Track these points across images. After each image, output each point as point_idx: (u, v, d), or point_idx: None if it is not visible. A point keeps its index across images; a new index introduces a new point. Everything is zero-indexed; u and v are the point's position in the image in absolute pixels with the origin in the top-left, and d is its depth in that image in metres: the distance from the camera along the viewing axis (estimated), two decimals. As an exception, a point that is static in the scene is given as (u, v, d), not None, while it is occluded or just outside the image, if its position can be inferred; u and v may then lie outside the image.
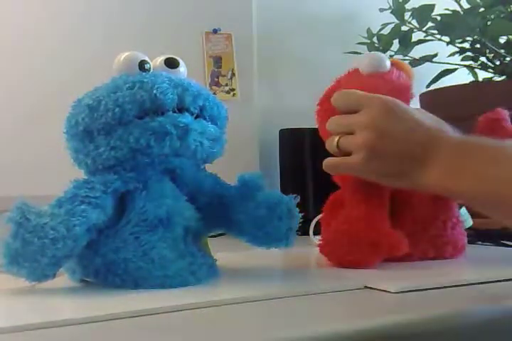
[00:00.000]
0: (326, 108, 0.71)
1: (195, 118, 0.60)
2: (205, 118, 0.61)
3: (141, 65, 0.61)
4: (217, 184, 0.66)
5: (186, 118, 0.58)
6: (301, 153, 1.18)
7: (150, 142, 0.57)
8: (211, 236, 0.72)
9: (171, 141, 0.57)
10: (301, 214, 0.66)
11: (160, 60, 0.63)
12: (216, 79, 1.25)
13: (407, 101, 0.70)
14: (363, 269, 0.67)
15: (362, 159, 0.61)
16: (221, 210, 0.65)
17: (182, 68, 0.63)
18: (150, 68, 0.61)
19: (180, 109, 0.59)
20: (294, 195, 0.65)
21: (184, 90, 0.59)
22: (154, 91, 0.57)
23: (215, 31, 1.25)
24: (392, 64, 0.73)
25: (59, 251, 0.54)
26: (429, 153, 0.59)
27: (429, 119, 0.62)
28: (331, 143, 0.66)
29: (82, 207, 0.56)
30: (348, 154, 0.63)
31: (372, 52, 0.80)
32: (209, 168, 0.67)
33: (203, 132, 0.60)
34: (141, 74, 0.60)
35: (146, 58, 0.62)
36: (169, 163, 0.61)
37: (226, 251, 0.76)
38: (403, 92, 0.71)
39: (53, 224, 0.54)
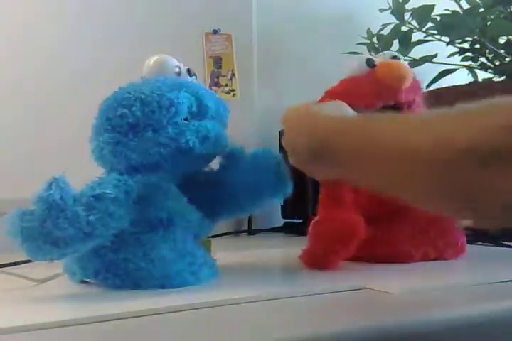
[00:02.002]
0: None
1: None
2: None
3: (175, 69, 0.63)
4: (210, 174, 0.67)
5: (211, 124, 0.62)
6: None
7: (196, 144, 0.60)
8: (211, 236, 0.72)
9: (208, 144, 0.61)
10: (300, 213, 0.65)
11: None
12: (216, 80, 1.25)
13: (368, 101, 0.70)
14: (363, 270, 0.67)
15: (289, 156, 0.63)
16: (218, 193, 0.66)
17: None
18: (181, 72, 0.64)
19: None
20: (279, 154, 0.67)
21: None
22: (201, 98, 0.61)
23: (215, 32, 1.25)
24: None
25: (84, 247, 0.54)
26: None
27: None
28: None
29: (120, 211, 0.55)
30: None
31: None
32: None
33: (218, 134, 0.63)
34: (181, 78, 0.63)
35: (178, 63, 0.64)
36: (196, 165, 0.64)
37: (226, 251, 0.76)
38: (361, 94, 0.71)
39: (92, 219, 0.52)
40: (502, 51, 1.14)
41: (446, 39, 1.18)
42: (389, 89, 0.72)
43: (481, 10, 1.13)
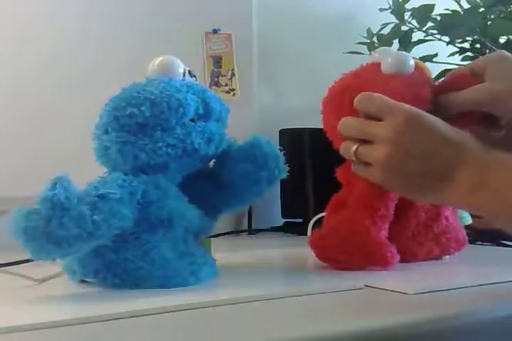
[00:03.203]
0: (334, 101, 0.70)
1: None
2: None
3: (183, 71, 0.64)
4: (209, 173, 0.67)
5: (215, 126, 0.63)
6: (301, 153, 1.18)
7: (201, 145, 0.60)
8: (211, 236, 0.72)
9: (213, 145, 0.62)
10: (301, 213, 0.65)
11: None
12: (216, 79, 1.25)
13: (427, 106, 0.66)
14: (363, 269, 0.67)
15: (382, 174, 0.59)
16: (209, 185, 0.66)
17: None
18: (185, 73, 0.64)
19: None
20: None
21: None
22: (207, 100, 0.62)
23: (215, 31, 1.25)
24: (416, 66, 0.70)
25: (87, 247, 0.53)
26: (455, 171, 0.56)
27: (451, 131, 0.58)
28: (347, 150, 0.62)
29: (124, 211, 0.55)
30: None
31: (397, 52, 0.74)
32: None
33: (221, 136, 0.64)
34: (186, 79, 0.63)
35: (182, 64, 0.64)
36: (199, 166, 0.64)
37: (226, 251, 0.76)
38: (424, 98, 0.67)
39: (96, 219, 0.52)
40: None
41: (447, 39, 1.18)
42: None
43: (482, 9, 1.13)
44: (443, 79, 0.73)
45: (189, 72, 0.65)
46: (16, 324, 0.44)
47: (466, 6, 1.15)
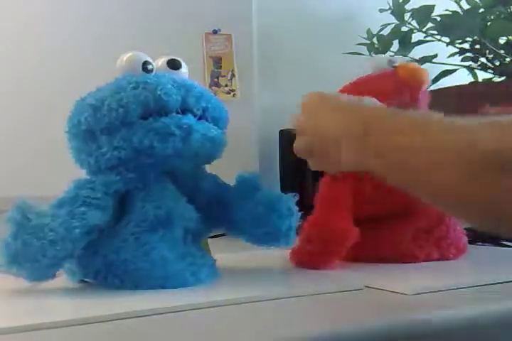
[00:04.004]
0: None
1: (198, 119, 0.60)
2: (207, 120, 0.61)
3: (144, 66, 0.61)
4: (216, 184, 0.66)
5: (190, 120, 0.59)
6: (301, 154, 1.17)
7: (153, 143, 0.57)
8: (211, 237, 0.72)
9: (174, 142, 0.58)
10: (300, 213, 0.65)
11: (162, 61, 0.63)
12: (216, 80, 1.25)
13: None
14: (364, 270, 0.67)
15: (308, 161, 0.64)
16: (220, 210, 0.65)
17: (184, 69, 0.63)
18: (153, 69, 0.62)
19: (184, 110, 0.59)
20: (294, 194, 0.65)
21: (188, 91, 0.60)
22: (158, 92, 0.58)
23: (215, 32, 1.25)
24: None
25: (59, 253, 0.54)
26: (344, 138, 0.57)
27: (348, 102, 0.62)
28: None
29: (83, 208, 0.56)
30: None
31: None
32: (209, 168, 0.67)
33: (205, 133, 0.60)
34: (145, 74, 0.60)
35: (149, 59, 0.62)
36: (170, 164, 0.61)
37: (226, 252, 0.76)
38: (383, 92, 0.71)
39: (53, 225, 0.54)
40: (502, 51, 1.14)
41: (447, 39, 1.18)
42: (409, 88, 0.73)
43: (481, 10, 1.13)
44: None
45: (171, 63, 0.62)
46: (16, 324, 0.44)
47: (466, 6, 1.15)
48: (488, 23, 1.12)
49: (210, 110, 0.61)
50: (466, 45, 1.20)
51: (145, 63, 0.61)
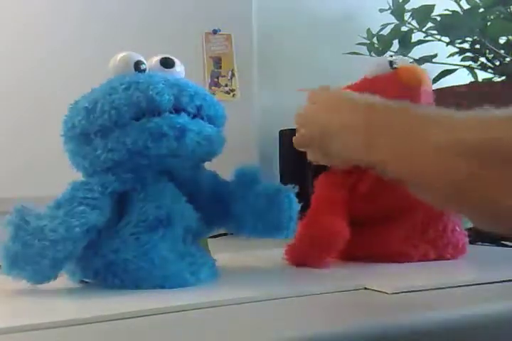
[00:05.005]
0: None
1: (193, 118, 0.60)
2: (202, 118, 0.61)
3: (137, 66, 0.61)
4: (215, 182, 0.66)
5: (183, 119, 0.58)
6: (301, 153, 1.17)
7: (147, 143, 0.57)
8: (211, 237, 0.72)
9: (167, 141, 0.57)
10: (300, 213, 0.65)
11: (155, 60, 0.62)
12: (216, 80, 1.25)
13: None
14: (362, 270, 0.67)
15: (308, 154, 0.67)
16: (220, 207, 0.65)
17: (178, 68, 0.63)
18: (146, 68, 0.61)
19: (177, 109, 0.59)
20: (293, 185, 0.65)
21: (181, 90, 0.59)
22: (150, 92, 0.57)
23: (215, 32, 1.25)
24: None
25: (59, 253, 0.54)
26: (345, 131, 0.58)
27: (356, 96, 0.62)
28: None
29: (81, 208, 0.56)
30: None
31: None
32: (209, 168, 0.67)
33: (200, 132, 0.59)
34: (137, 74, 0.60)
35: (142, 58, 0.62)
36: (167, 164, 0.60)
37: (226, 252, 0.76)
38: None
39: (53, 225, 0.54)
40: (502, 51, 1.14)
41: (446, 39, 1.18)
42: (410, 89, 0.74)
43: (481, 10, 1.13)
44: None
45: (164, 62, 0.62)
46: (16, 324, 0.44)
47: (466, 6, 1.15)
48: (488, 23, 1.12)
49: (205, 108, 0.61)
50: (466, 45, 1.20)
51: (137, 63, 0.61)
